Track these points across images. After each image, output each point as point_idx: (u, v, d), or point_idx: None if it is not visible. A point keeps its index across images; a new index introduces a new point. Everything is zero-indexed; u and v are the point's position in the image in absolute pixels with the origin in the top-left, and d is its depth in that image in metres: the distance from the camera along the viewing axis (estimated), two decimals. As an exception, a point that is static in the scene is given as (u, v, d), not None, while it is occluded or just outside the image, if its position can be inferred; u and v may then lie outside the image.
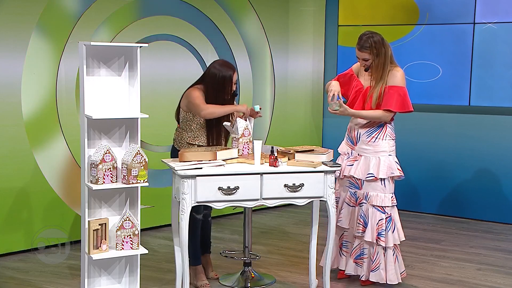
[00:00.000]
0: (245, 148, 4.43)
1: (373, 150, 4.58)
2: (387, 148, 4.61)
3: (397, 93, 4.52)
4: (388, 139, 4.61)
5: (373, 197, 4.57)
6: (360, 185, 4.62)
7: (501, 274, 5.07)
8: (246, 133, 4.45)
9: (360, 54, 4.54)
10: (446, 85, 6.71)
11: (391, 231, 4.59)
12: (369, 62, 4.54)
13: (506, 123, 6.44)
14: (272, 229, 6.27)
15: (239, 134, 4.40)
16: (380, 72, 4.52)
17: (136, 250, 4.01)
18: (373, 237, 4.55)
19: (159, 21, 6.02)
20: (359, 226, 4.60)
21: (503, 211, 6.52)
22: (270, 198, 4.16)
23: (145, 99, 4.70)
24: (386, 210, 4.58)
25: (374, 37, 4.51)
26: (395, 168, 4.60)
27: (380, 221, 4.55)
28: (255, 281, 4.72)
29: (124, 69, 4.06)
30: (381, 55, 4.50)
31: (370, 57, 4.51)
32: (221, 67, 4.52)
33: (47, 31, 5.30)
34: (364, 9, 7.09)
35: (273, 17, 6.96)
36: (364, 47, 4.51)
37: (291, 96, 7.16)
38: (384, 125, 4.60)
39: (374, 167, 4.55)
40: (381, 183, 4.57)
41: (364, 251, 4.63)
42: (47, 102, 5.38)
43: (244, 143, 4.43)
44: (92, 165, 3.89)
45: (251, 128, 4.50)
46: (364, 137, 4.61)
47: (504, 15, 6.40)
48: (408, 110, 4.58)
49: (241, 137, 4.41)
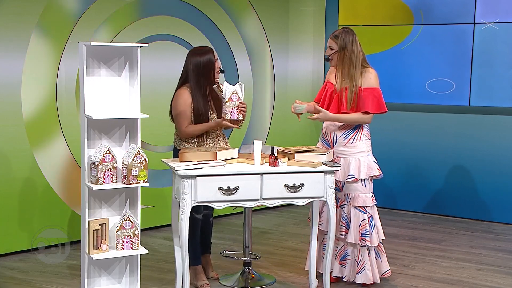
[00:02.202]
0: (233, 112, 4.34)
1: (352, 152, 4.59)
2: (365, 148, 4.62)
3: (372, 94, 4.54)
4: (365, 139, 4.63)
5: (354, 198, 4.58)
6: (340, 187, 4.62)
7: (501, 274, 5.07)
8: (235, 97, 4.34)
9: (329, 42, 4.60)
10: (446, 85, 6.71)
11: (375, 231, 4.60)
12: (332, 52, 4.57)
13: (506, 123, 6.44)
14: (272, 229, 6.27)
15: (226, 98, 4.33)
16: (347, 70, 4.53)
17: (136, 250, 4.01)
18: (356, 239, 4.55)
19: (159, 21, 6.02)
20: (342, 228, 4.61)
21: (504, 211, 6.52)
22: (270, 198, 4.16)
23: (145, 99, 4.70)
24: (368, 210, 4.60)
25: (348, 32, 4.56)
26: (374, 167, 4.61)
27: (363, 222, 4.56)
28: (255, 281, 4.72)
29: (124, 69, 4.06)
30: (346, 51, 4.52)
31: (336, 47, 4.55)
32: (199, 55, 4.48)
33: (47, 31, 5.30)
34: (364, 9, 7.09)
35: (273, 17, 6.96)
36: (334, 35, 4.58)
37: (291, 96, 7.15)
38: (360, 126, 4.61)
39: (355, 168, 4.56)
40: (361, 184, 4.57)
41: (347, 252, 4.63)
42: (47, 102, 5.38)
43: (232, 107, 4.34)
44: (92, 165, 3.89)
45: (240, 93, 4.38)
46: (341, 139, 4.61)
47: (504, 15, 6.40)
48: (384, 111, 4.61)
49: (228, 101, 4.34)
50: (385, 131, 6.82)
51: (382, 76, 6.85)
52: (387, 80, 6.83)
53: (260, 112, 6.96)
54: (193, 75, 4.48)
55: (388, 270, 4.73)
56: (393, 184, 6.93)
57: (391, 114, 6.77)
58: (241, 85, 4.41)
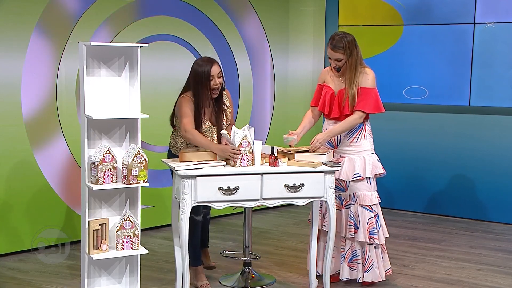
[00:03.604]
0: (243, 160, 4.15)
1: (357, 151, 4.59)
2: (369, 146, 4.63)
3: (370, 95, 4.52)
4: (368, 137, 4.64)
5: (361, 197, 4.58)
6: (345, 186, 4.62)
7: (501, 274, 5.06)
8: (245, 143, 4.17)
9: (333, 54, 4.50)
10: (446, 85, 6.71)
11: (381, 229, 4.61)
12: (342, 62, 4.51)
13: (506, 123, 6.44)
14: (272, 229, 6.27)
15: (236, 145, 4.15)
16: (353, 72, 4.51)
17: (136, 250, 4.01)
18: (365, 237, 4.56)
19: (159, 21, 6.02)
20: (351, 228, 4.60)
21: (504, 211, 6.52)
22: (270, 198, 4.16)
23: (145, 99, 4.70)
24: (374, 208, 4.61)
25: (347, 37, 4.50)
26: (378, 166, 4.63)
27: (370, 220, 4.57)
28: (255, 281, 4.72)
29: (124, 69, 4.06)
30: (353, 55, 4.49)
31: (344, 57, 4.49)
32: (201, 63, 4.45)
33: (47, 31, 5.30)
34: (364, 9, 7.09)
35: (273, 17, 6.96)
36: (338, 47, 4.48)
37: (291, 96, 7.16)
38: (363, 125, 4.61)
39: (360, 167, 4.56)
40: (367, 182, 4.58)
41: (356, 253, 4.63)
42: (47, 102, 5.37)
43: (242, 154, 4.15)
44: (92, 165, 3.89)
45: (250, 139, 4.19)
46: (345, 138, 4.61)
47: (504, 15, 6.39)
48: (381, 111, 4.60)
49: (238, 148, 4.15)
50: (385, 131, 6.82)
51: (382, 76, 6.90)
52: (387, 80, 6.85)
53: (260, 112, 6.96)
54: (192, 84, 4.47)
55: (389, 269, 4.74)
56: (394, 184, 6.93)
57: (391, 114, 6.80)
58: (250, 129, 4.24)
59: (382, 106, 4.61)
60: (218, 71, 4.46)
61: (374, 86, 4.56)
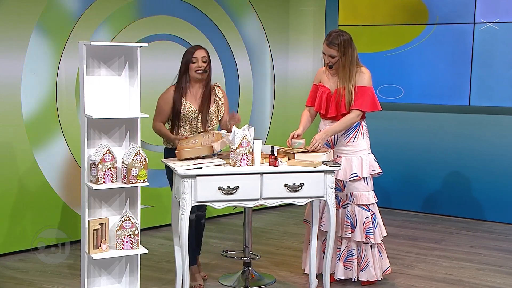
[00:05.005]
0: (243, 159, 4.13)
1: (354, 150, 4.60)
2: (366, 146, 4.64)
3: (366, 93, 4.53)
4: (365, 137, 4.65)
5: (358, 196, 4.59)
6: (342, 186, 4.63)
7: (502, 274, 5.06)
8: (244, 143, 4.14)
9: (328, 50, 4.53)
10: (446, 85, 6.71)
11: (378, 228, 4.61)
12: (335, 59, 4.53)
13: (506, 123, 6.44)
14: (272, 229, 6.27)
15: (236, 144, 4.13)
16: (347, 72, 4.52)
17: (136, 250, 4.01)
18: (362, 236, 4.57)
19: (159, 21, 6.02)
20: (347, 227, 4.61)
21: (504, 211, 6.52)
22: (270, 198, 4.16)
23: (145, 99, 4.70)
24: (370, 208, 4.61)
25: (344, 35, 4.52)
26: (375, 165, 4.64)
27: (366, 219, 4.58)
28: (255, 281, 4.72)
29: (124, 69, 4.06)
30: (347, 54, 4.51)
31: (337, 54, 4.51)
32: (189, 48, 4.63)
33: (47, 31, 5.30)
34: (364, 9, 7.09)
35: (273, 17, 6.96)
36: (333, 43, 4.50)
37: (291, 96, 7.16)
38: (359, 124, 4.62)
39: (358, 167, 4.56)
40: (364, 182, 4.59)
41: (352, 252, 4.64)
42: (47, 102, 5.38)
43: (242, 154, 4.12)
44: (92, 165, 3.89)
45: (250, 138, 4.16)
46: (342, 138, 4.61)
47: (504, 15, 6.39)
48: (378, 109, 4.61)
49: (238, 148, 4.13)
50: (385, 131, 6.82)
51: (383, 76, 6.90)
52: (387, 80, 6.85)
53: (260, 112, 6.96)
54: (180, 70, 4.62)
55: (388, 267, 4.75)
56: (393, 184, 6.93)
57: (391, 114, 6.81)
58: (250, 128, 4.22)
59: (379, 105, 4.62)
60: (203, 55, 4.57)
61: (370, 84, 4.57)
